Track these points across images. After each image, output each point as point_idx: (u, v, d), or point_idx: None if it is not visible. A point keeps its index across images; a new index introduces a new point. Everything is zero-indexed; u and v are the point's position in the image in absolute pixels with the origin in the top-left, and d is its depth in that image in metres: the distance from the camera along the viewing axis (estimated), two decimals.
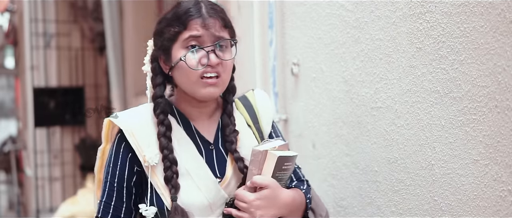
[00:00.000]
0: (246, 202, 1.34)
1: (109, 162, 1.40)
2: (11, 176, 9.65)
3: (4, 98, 15.38)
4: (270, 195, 1.35)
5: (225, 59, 1.35)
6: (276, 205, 1.36)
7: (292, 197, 1.41)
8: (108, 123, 1.43)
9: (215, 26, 1.34)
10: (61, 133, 6.29)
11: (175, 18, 1.35)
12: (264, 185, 1.34)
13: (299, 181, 1.52)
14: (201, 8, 1.35)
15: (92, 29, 6.11)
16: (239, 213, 1.35)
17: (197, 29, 1.33)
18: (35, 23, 6.29)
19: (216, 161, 1.40)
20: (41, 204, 6.37)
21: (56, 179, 6.50)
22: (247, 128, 1.47)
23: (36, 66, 6.30)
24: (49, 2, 6.48)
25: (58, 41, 6.23)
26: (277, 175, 1.37)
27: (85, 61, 6.26)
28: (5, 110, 15.18)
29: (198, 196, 1.35)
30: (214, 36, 1.34)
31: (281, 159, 1.35)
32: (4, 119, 15.07)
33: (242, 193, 1.35)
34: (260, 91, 1.57)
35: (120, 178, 1.38)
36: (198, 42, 1.33)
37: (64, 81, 6.20)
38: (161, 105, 1.38)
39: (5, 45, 11.25)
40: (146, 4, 5.09)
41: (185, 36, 1.33)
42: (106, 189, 1.39)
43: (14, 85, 13.86)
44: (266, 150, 1.36)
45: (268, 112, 1.52)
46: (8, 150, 9.57)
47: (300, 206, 1.45)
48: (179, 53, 1.34)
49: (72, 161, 6.27)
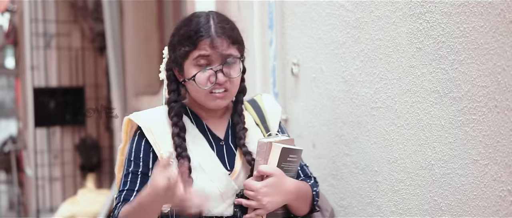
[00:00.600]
0: (253, 190, 1.44)
1: (130, 156, 1.49)
2: (12, 176, 9.65)
3: (4, 98, 15.38)
4: (276, 182, 1.45)
5: (232, 77, 1.46)
6: (282, 191, 1.46)
7: (297, 185, 1.51)
8: (127, 121, 1.54)
9: (223, 46, 1.44)
10: (61, 133, 6.29)
11: (186, 38, 1.45)
12: (269, 173, 1.45)
13: (307, 177, 1.62)
14: (210, 27, 1.44)
15: (92, 29, 6.11)
16: (248, 202, 1.45)
17: (206, 49, 1.43)
18: (35, 23, 6.29)
19: (226, 155, 1.51)
20: (41, 204, 6.37)
21: (56, 179, 6.50)
22: (255, 126, 1.59)
23: (36, 66, 6.30)
24: (49, 2, 6.48)
25: (58, 41, 6.23)
26: (282, 165, 1.47)
27: (85, 61, 6.26)
28: (5, 110, 15.19)
29: (210, 186, 1.45)
30: (222, 55, 1.44)
31: (285, 150, 1.46)
32: (5, 119, 15.07)
33: (250, 182, 1.46)
34: (268, 95, 1.69)
35: (144, 167, 1.47)
36: (207, 61, 1.44)
37: (64, 81, 6.20)
38: (175, 109, 1.50)
39: (6, 45, 11.25)
40: (146, 4, 5.10)
41: (195, 55, 1.44)
42: (128, 180, 1.47)
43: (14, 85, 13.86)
44: (270, 142, 1.47)
45: (275, 113, 1.63)
46: (9, 150, 9.57)
47: (306, 196, 1.54)
48: (190, 69, 1.46)
49: (72, 161, 6.27)
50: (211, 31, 1.44)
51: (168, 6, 4.90)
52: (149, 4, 5.10)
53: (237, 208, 1.47)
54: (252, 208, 1.46)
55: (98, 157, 6.14)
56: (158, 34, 5.11)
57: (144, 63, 5.11)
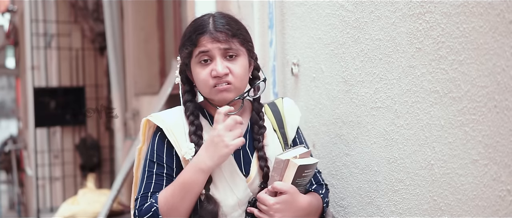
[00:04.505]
0: (267, 205, 1.47)
1: (152, 157, 1.50)
2: (12, 175, 9.66)
3: (5, 98, 15.39)
4: (289, 199, 1.47)
5: (234, 70, 1.47)
6: (294, 209, 1.48)
7: (309, 202, 1.53)
8: (146, 122, 1.56)
9: (221, 39, 1.46)
10: (61, 133, 6.30)
11: (187, 38, 1.49)
12: (283, 191, 1.47)
13: (318, 185, 1.65)
14: (209, 24, 1.47)
15: (92, 29, 6.11)
16: (260, 214, 1.48)
17: (205, 45, 1.46)
18: (35, 23, 6.29)
19: (243, 160, 1.54)
20: (42, 204, 6.38)
21: (56, 179, 6.51)
22: (272, 132, 1.60)
23: (37, 66, 6.31)
24: (50, 3, 6.49)
25: (58, 41, 6.24)
26: (297, 181, 1.50)
27: (86, 62, 6.26)
28: (6, 110, 15.20)
29: (229, 192, 1.49)
30: (221, 49, 1.46)
31: (301, 167, 1.48)
32: (5, 119, 15.08)
33: (264, 196, 1.48)
34: (289, 99, 1.70)
35: (169, 169, 1.49)
36: (208, 56, 1.47)
37: (65, 82, 6.21)
38: (190, 108, 1.53)
39: (6, 46, 11.26)
40: (146, 4, 5.10)
41: (196, 52, 1.48)
42: (152, 182, 1.47)
43: (14, 86, 13.86)
44: (287, 159, 1.48)
45: (294, 119, 1.65)
46: (9, 150, 9.59)
47: (317, 210, 1.58)
48: (195, 68, 1.50)
49: (72, 161, 6.27)
50: (209, 27, 1.47)
51: (168, 6, 4.90)
52: (149, 4, 5.10)
53: (249, 216, 1.51)
54: None
55: (98, 157, 6.14)
56: (158, 34, 5.11)
57: (144, 63, 5.12)
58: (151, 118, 1.53)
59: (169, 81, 3.94)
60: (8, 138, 10.44)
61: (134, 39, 5.10)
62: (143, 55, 5.11)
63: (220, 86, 1.47)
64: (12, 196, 10.28)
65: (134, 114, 5.02)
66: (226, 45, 1.46)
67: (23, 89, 9.61)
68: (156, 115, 1.55)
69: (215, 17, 1.49)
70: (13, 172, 9.37)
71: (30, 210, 7.87)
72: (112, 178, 5.87)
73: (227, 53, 1.47)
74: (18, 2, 9.20)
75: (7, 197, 11.05)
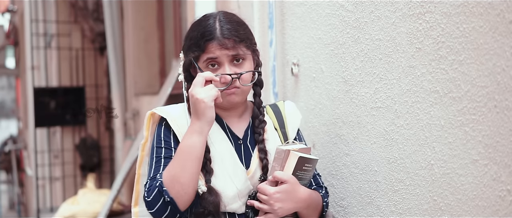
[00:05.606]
0: (267, 194, 1.48)
1: (159, 143, 1.52)
2: (12, 175, 9.67)
3: (5, 98, 15.39)
4: (289, 189, 1.49)
5: (241, 73, 1.49)
6: (294, 199, 1.50)
7: (309, 194, 1.55)
8: (150, 115, 1.58)
9: (229, 45, 1.49)
10: (61, 133, 6.30)
11: (195, 42, 1.51)
12: (284, 180, 1.49)
13: (318, 186, 1.67)
14: (216, 29, 1.49)
15: (92, 29, 6.11)
16: (260, 205, 1.49)
17: (213, 52, 1.49)
18: (35, 23, 6.29)
19: (244, 154, 1.56)
20: (42, 204, 6.38)
21: (56, 179, 6.51)
22: (273, 129, 1.62)
23: (37, 66, 6.31)
24: (50, 3, 6.49)
25: (58, 41, 6.24)
26: (297, 173, 1.51)
27: (86, 62, 6.26)
28: (6, 110, 15.20)
29: (229, 183, 1.50)
30: (230, 55, 1.49)
31: (301, 159, 1.50)
32: (5, 119, 15.08)
33: (264, 186, 1.50)
34: (290, 102, 1.74)
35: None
36: (216, 62, 1.50)
37: (65, 82, 6.21)
38: None
39: (6, 46, 11.27)
40: (146, 4, 5.10)
41: (204, 58, 1.51)
42: (161, 165, 1.48)
43: (14, 86, 13.86)
44: (288, 149, 1.51)
45: (295, 120, 1.67)
46: (9, 150, 9.59)
47: (317, 205, 1.59)
48: (204, 70, 1.51)
49: (72, 161, 6.27)
50: (216, 33, 1.49)
51: (168, 6, 4.90)
52: (149, 4, 5.10)
53: (249, 209, 1.52)
54: (263, 212, 1.50)
55: (98, 157, 6.14)
56: (158, 34, 5.11)
57: (144, 63, 5.12)
58: (156, 111, 1.56)
59: (169, 81, 3.94)
60: (8, 138, 10.45)
61: (134, 39, 5.10)
62: (143, 55, 5.11)
63: (227, 90, 1.50)
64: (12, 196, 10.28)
65: (134, 114, 5.02)
66: (234, 52, 1.49)
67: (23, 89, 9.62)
68: (161, 108, 1.58)
69: (221, 22, 1.51)
70: (13, 172, 9.38)
71: (30, 210, 7.87)
72: (112, 178, 5.87)
73: (235, 58, 1.51)
74: (18, 2, 9.20)
75: (7, 197, 11.05)
